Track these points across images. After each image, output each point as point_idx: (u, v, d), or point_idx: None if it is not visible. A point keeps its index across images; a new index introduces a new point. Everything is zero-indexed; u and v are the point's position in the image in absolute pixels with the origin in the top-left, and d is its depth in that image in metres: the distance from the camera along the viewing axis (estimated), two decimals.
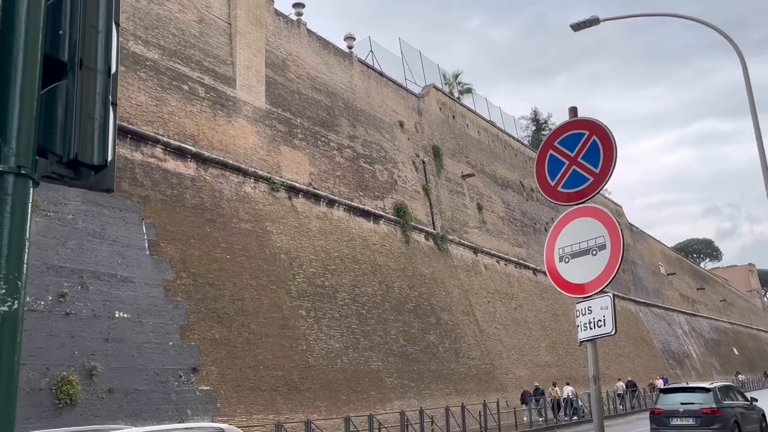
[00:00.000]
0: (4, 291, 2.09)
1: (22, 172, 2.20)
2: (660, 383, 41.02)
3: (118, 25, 2.64)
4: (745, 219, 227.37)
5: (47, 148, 2.34)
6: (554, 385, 32.24)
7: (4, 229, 2.14)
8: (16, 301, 2.12)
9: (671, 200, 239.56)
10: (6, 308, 2.09)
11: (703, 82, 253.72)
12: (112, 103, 2.53)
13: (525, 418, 28.63)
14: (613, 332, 5.26)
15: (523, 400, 29.63)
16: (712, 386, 17.51)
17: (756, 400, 19.04)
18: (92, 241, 16.84)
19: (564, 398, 32.09)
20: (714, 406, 16.08)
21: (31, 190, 2.24)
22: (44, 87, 2.36)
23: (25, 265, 2.18)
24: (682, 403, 16.62)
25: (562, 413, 31.59)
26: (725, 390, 17.90)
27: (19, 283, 2.14)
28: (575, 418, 31.74)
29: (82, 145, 2.37)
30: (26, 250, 2.19)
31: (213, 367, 18.07)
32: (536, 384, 31.04)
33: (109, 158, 2.47)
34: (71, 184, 2.46)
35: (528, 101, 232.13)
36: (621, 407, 36.93)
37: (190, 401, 17.11)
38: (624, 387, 38.68)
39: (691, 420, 16.02)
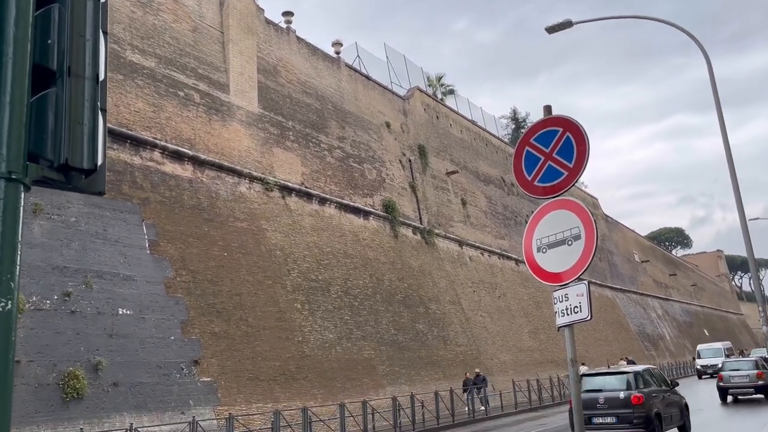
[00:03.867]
0: None
1: (13, 177, 2.15)
2: (624, 363, 41.95)
3: (105, 33, 2.59)
4: (718, 207, 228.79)
5: (38, 154, 2.29)
6: None
7: None
8: (9, 302, 2.08)
9: (647, 191, 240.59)
10: (0, 309, 2.05)
11: (676, 78, 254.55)
12: (101, 109, 2.48)
13: (467, 408, 24.94)
14: (589, 318, 5.25)
15: (465, 387, 25.84)
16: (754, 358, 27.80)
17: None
18: (95, 242, 16.71)
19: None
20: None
21: (23, 195, 2.19)
22: (34, 94, 2.31)
23: (17, 267, 2.13)
24: (735, 368, 25.99)
25: None
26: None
27: (12, 284, 2.09)
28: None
29: (72, 150, 2.33)
30: (18, 252, 2.14)
31: (213, 360, 17.99)
32: (477, 371, 27.35)
33: (99, 162, 2.42)
34: (62, 187, 2.41)
35: (510, 100, 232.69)
36: None
37: (192, 392, 17.03)
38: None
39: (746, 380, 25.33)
